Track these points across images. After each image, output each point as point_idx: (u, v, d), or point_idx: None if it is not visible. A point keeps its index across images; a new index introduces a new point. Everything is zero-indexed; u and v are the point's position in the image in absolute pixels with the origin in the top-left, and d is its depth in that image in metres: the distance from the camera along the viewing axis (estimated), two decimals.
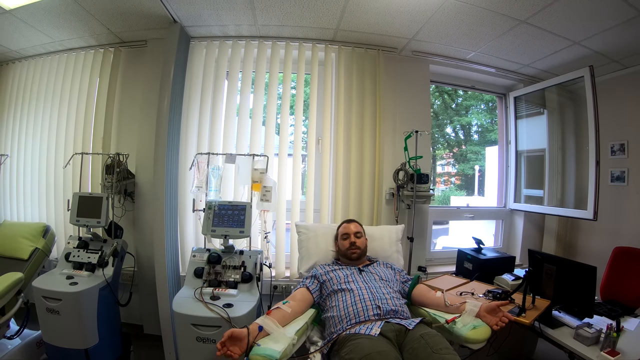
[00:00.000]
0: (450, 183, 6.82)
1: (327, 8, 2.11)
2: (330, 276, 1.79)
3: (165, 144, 2.24)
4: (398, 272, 1.93)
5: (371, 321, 1.50)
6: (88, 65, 2.65)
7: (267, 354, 1.23)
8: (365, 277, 1.78)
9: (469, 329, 1.46)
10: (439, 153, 6.79)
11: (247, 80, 2.59)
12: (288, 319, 1.51)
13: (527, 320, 1.60)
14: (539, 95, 2.97)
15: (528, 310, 1.68)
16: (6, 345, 1.94)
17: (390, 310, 1.56)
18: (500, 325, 1.44)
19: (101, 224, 2.15)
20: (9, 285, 1.76)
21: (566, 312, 1.80)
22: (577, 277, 1.73)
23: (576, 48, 2.42)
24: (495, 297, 1.83)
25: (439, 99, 6.41)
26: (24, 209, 2.81)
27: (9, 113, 2.92)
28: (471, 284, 2.15)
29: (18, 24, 2.31)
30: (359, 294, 1.63)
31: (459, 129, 6.41)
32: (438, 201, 6.40)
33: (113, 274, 2.05)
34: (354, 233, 1.98)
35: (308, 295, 1.72)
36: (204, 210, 2.07)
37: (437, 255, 3.05)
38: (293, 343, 1.37)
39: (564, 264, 1.82)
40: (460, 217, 3.13)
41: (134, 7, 2.11)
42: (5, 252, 2.16)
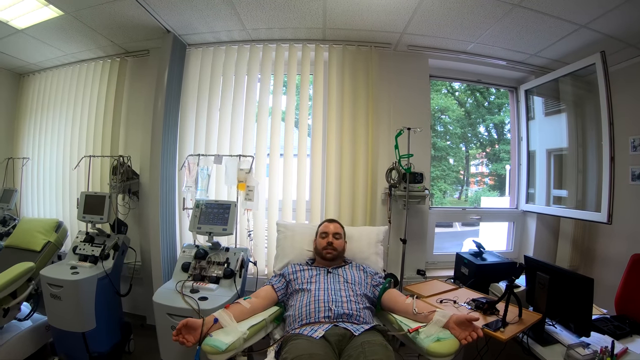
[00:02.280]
0: (484, 183, 6.65)
1: (307, 7, 2.22)
2: (297, 275, 1.88)
3: (160, 145, 2.51)
4: (370, 274, 1.94)
5: (320, 323, 1.55)
6: (97, 75, 3.02)
7: (215, 345, 1.36)
8: (329, 278, 1.84)
9: (431, 341, 1.42)
10: (472, 153, 6.66)
11: (241, 84, 2.78)
12: (246, 314, 1.61)
13: (505, 336, 1.51)
14: (553, 88, 2.85)
15: (513, 324, 1.59)
16: (18, 326, 2.28)
17: (343, 313, 1.60)
18: (468, 340, 1.37)
19: (104, 220, 2.46)
20: (19, 273, 2.09)
21: (564, 327, 1.72)
22: (572, 290, 1.62)
23: (584, 32, 2.31)
24: (478, 307, 1.77)
25: (470, 97, 6.28)
26: (43, 206, 3.28)
27: (30, 120, 3.42)
28: (458, 291, 2.11)
29: (31, 41, 2.71)
30: (315, 295, 1.70)
31: (492, 128, 6.25)
32: (470, 202, 6.26)
33: (113, 266, 2.33)
34: (332, 233, 2.04)
35: (272, 293, 1.81)
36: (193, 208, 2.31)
37: (440, 258, 3.03)
38: (244, 337, 1.46)
39: (558, 273, 1.72)
40: (466, 218, 3.10)
41: (130, 21, 2.39)
42: (22, 244, 2.55)
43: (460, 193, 6.53)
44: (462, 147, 6.45)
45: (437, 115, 6.12)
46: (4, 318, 2.10)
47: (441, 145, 6.06)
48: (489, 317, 1.69)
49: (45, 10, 2.29)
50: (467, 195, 6.43)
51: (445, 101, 6.07)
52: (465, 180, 6.59)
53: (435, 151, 5.98)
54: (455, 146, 6.32)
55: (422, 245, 2.83)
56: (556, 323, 1.75)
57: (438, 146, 6.01)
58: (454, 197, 6.44)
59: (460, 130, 6.33)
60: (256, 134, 2.76)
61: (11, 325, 2.27)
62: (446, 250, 3.11)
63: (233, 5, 2.20)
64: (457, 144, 6.37)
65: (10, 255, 2.49)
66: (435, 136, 5.93)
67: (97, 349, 2.18)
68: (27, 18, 2.39)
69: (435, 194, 6.07)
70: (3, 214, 3.19)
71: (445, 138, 6.19)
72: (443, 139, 6.13)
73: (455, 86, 6.04)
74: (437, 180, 6.02)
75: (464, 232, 5.40)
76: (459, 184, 6.51)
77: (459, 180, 6.48)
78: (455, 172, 6.37)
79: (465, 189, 6.61)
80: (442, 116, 6.22)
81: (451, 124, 6.27)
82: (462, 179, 6.53)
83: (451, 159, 6.38)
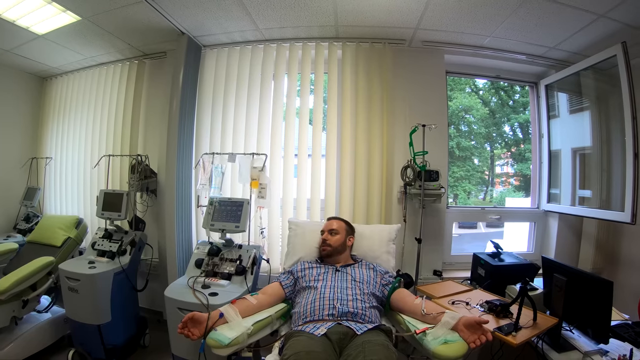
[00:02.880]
0: (509, 184, 6.52)
1: (317, 5, 2.25)
2: (305, 273, 1.89)
3: (176, 144, 2.59)
4: (380, 273, 1.93)
5: (323, 321, 1.56)
6: (117, 77, 3.16)
7: (218, 339, 1.38)
8: (337, 276, 1.84)
9: (438, 343, 1.37)
10: (497, 152, 6.56)
11: (255, 83, 2.84)
12: (252, 310, 1.63)
13: (516, 340, 1.45)
14: (574, 82, 2.77)
15: (526, 329, 1.53)
16: (37, 318, 2.41)
17: (347, 312, 1.60)
18: (477, 344, 1.33)
19: (122, 217, 2.56)
20: (39, 266, 2.22)
21: (582, 333, 1.65)
22: (591, 293, 1.56)
23: (604, 22, 2.23)
24: (491, 310, 1.72)
25: (495, 95, 6.20)
26: (65, 203, 3.45)
27: (53, 122, 3.62)
28: (472, 293, 2.06)
29: (52, 45, 2.87)
30: (321, 292, 1.71)
31: (517, 127, 6.15)
32: (495, 203, 6.16)
33: (130, 261, 2.41)
34: (328, 230, 2.06)
35: (279, 290, 1.83)
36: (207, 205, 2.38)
37: (458, 259, 2.98)
38: (248, 333, 1.47)
39: (576, 275, 1.65)
40: (485, 218, 3.04)
41: (145, 24, 2.49)
42: (43, 240, 2.67)
43: (485, 194, 6.44)
44: (487, 147, 6.36)
45: (461, 115, 6.07)
46: (23, 309, 2.24)
47: (465, 145, 6.01)
48: (501, 320, 1.64)
49: (63, 16, 2.42)
50: (492, 196, 6.33)
51: (469, 100, 6.02)
52: (490, 181, 6.49)
53: (459, 151, 5.93)
54: (480, 146, 6.25)
55: (438, 245, 2.80)
56: (574, 328, 1.68)
57: (462, 146, 5.96)
58: (478, 198, 6.36)
59: (484, 129, 6.26)
60: (270, 133, 2.80)
61: (31, 317, 2.41)
62: (468, 252, 3.04)
63: (244, 6, 2.26)
64: (481, 144, 6.30)
65: (32, 250, 2.61)
66: (459, 136, 5.88)
67: (112, 341, 2.26)
68: (46, 24, 2.53)
69: (459, 194, 6.01)
70: (27, 211, 3.37)
71: (469, 138, 6.13)
72: (467, 139, 6.07)
73: (479, 85, 5.99)
74: (461, 180, 5.95)
75: (488, 234, 5.31)
76: (483, 185, 6.42)
77: (484, 180, 6.40)
78: (480, 173, 6.29)
79: (490, 189, 6.51)
80: (466, 115, 6.16)
81: (475, 123, 6.20)
82: (487, 180, 6.44)
83: (476, 159, 6.30)
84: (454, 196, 5.92)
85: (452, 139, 5.73)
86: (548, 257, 1.92)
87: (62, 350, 2.42)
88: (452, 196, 5.99)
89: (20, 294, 2.21)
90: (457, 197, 5.98)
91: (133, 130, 3.08)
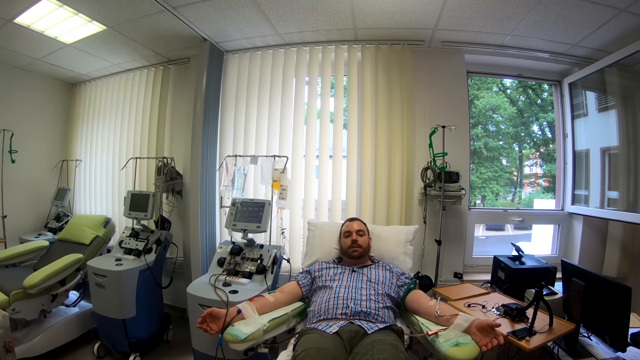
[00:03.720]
0: (538, 185, 6.43)
1: (335, 9, 2.32)
2: (322, 273, 1.96)
3: (200, 147, 2.73)
4: (396, 275, 1.97)
5: (337, 319, 1.62)
6: (143, 83, 3.34)
7: (235, 334, 1.45)
8: (353, 277, 1.90)
9: (449, 345, 1.39)
10: (525, 153, 6.47)
11: (276, 87, 2.94)
12: (269, 308, 1.70)
13: (529, 345, 1.46)
14: (599, 80, 2.73)
15: (542, 334, 1.54)
16: (65, 312, 2.58)
17: (360, 311, 1.65)
18: (489, 347, 1.33)
19: (148, 217, 2.71)
20: (68, 263, 2.38)
21: (600, 339, 1.64)
22: (608, 299, 1.54)
23: (625, 17, 2.20)
24: (507, 313, 1.74)
25: (523, 94, 6.13)
26: (94, 204, 3.68)
27: (82, 126, 3.86)
28: (490, 296, 2.08)
29: (80, 54, 3.08)
30: (336, 292, 1.77)
31: (545, 126, 6.07)
32: (523, 205, 6.08)
33: (155, 259, 2.54)
34: (356, 231, 2.10)
35: (297, 289, 1.91)
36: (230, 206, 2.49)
37: (480, 261, 2.98)
38: (263, 329, 1.54)
39: (594, 280, 1.64)
40: (507, 220, 3.04)
41: (168, 32, 2.64)
42: (73, 238, 2.85)
43: (513, 195, 6.36)
44: (515, 147, 6.29)
45: (489, 114, 6.03)
46: (52, 303, 2.40)
47: (493, 145, 5.96)
48: (517, 325, 1.65)
49: (89, 26, 2.59)
50: (520, 197, 6.25)
51: (496, 99, 5.98)
52: (518, 182, 6.41)
53: (487, 151, 5.89)
54: (508, 146, 6.18)
55: (459, 247, 2.82)
56: (592, 335, 1.67)
57: (490, 146, 5.91)
58: (507, 199, 6.29)
59: (512, 129, 6.19)
60: (292, 135, 2.89)
61: (59, 311, 2.58)
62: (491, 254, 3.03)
63: (263, 12, 2.36)
64: (509, 144, 6.24)
65: (61, 247, 2.79)
66: (486, 136, 5.85)
67: (136, 335, 2.39)
68: (74, 33, 2.71)
69: (487, 195, 5.96)
70: (57, 211, 3.60)
71: (497, 138, 6.08)
72: (495, 139, 6.02)
73: (507, 83, 5.93)
74: (489, 181, 5.91)
75: (515, 236, 5.25)
76: (512, 186, 6.34)
77: (512, 181, 6.32)
78: (508, 173, 6.23)
79: (519, 190, 6.43)
80: (494, 115, 6.12)
81: (503, 122, 6.15)
82: (515, 181, 6.36)
83: (504, 159, 6.24)
84: (482, 197, 5.89)
85: (479, 139, 5.71)
86: (567, 261, 1.91)
87: (89, 343, 2.57)
88: (479, 197, 5.96)
89: (50, 289, 2.37)
90: (484, 199, 5.95)
91: (159, 134, 3.25)
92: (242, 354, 1.72)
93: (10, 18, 2.45)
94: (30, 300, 2.27)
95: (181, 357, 2.57)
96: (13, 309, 2.17)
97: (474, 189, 6.01)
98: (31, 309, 2.30)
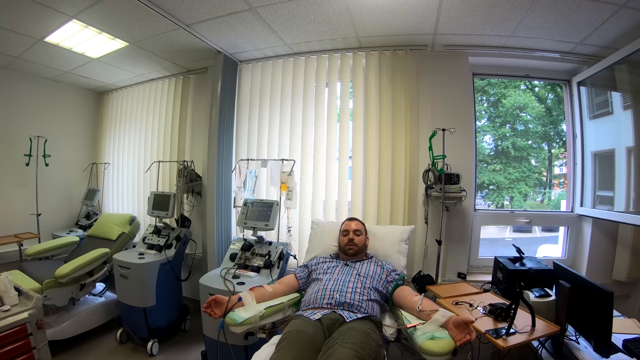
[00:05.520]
0: (567, 186, 6.35)
1: (335, 20, 2.54)
2: (318, 266, 2.20)
3: (215, 151, 3.07)
4: (387, 271, 2.15)
5: (322, 308, 1.82)
6: (165, 91, 3.76)
7: (233, 318, 1.70)
8: (345, 270, 2.11)
9: (425, 338, 1.53)
10: (555, 152, 6.42)
11: (287, 94, 3.23)
12: (267, 297, 1.94)
13: (505, 344, 1.54)
14: (608, 78, 2.76)
15: (522, 334, 1.62)
16: (93, 300, 3.00)
17: (344, 302, 1.84)
18: (464, 342, 1.46)
19: (169, 215, 3.08)
20: (96, 256, 2.78)
21: (588, 343, 1.67)
22: (592, 303, 1.59)
23: (627, 13, 2.24)
24: (492, 312, 1.83)
25: (551, 92, 6.11)
26: (121, 203, 4.16)
27: (110, 131, 4.37)
28: (481, 296, 2.17)
29: (106, 67, 3.54)
30: (325, 284, 1.98)
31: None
32: (552, 206, 6.06)
33: (175, 254, 2.90)
34: (353, 230, 2.31)
35: (294, 281, 2.15)
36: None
37: (485, 262, 3.09)
38: (259, 315, 1.77)
39: (578, 283, 1.70)
40: (514, 222, 3.17)
41: (185, 46, 3.00)
42: (101, 234, 3.29)
43: (542, 196, 6.33)
44: (544, 146, 6.26)
45: (516, 113, 6.07)
46: (81, 292, 2.80)
47: (521, 144, 5.98)
48: (501, 324, 1.73)
49: (113, 43, 3.00)
50: (549, 198, 6.22)
51: (524, 98, 5.99)
52: (547, 182, 6.36)
53: (515, 151, 5.93)
54: (537, 145, 6.18)
55: (463, 247, 2.95)
56: (580, 337, 1.73)
57: (518, 146, 5.95)
58: (536, 200, 6.27)
59: (541, 128, 6.18)
60: (301, 139, 3.16)
61: (87, 299, 3.01)
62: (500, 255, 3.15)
63: (269, 25, 2.63)
64: (538, 143, 6.23)
65: (90, 242, 3.23)
66: (514, 135, 5.90)
67: (155, 323, 2.74)
68: (100, 49, 3.14)
69: (515, 196, 5.99)
70: (87, 210, 4.10)
71: (525, 137, 6.10)
72: (524, 138, 6.04)
73: (535, 81, 5.93)
74: (517, 182, 5.95)
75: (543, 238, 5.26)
76: (541, 186, 6.32)
77: (541, 182, 6.30)
78: (537, 174, 6.22)
79: (548, 191, 6.39)
80: (522, 114, 6.14)
81: (532, 122, 6.15)
82: (544, 181, 6.33)
83: (532, 159, 6.23)
84: (510, 199, 5.93)
85: (507, 138, 5.78)
86: (559, 263, 2.00)
87: (113, 329, 2.96)
88: (508, 199, 6.02)
89: (79, 279, 2.76)
90: (512, 200, 5.97)
91: (180, 139, 3.65)
92: (243, 338, 2.02)
93: (41, 37, 2.88)
94: (61, 288, 2.65)
95: (196, 344, 2.90)
96: (45, 295, 2.53)
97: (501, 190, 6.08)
98: (61, 297, 2.68)
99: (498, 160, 5.93)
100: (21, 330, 1.93)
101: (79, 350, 2.73)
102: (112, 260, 2.82)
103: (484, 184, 5.64)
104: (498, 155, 5.88)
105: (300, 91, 3.21)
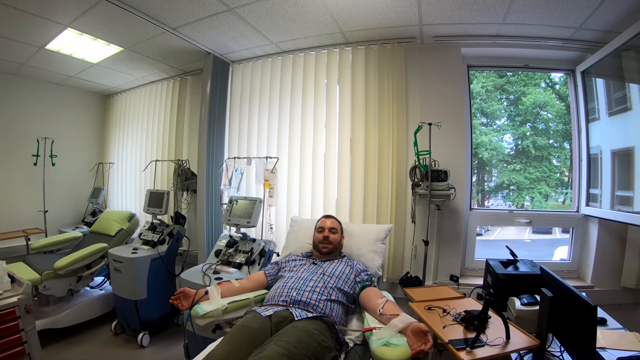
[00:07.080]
0: None
1: (315, 16, 2.61)
2: (287, 264, 2.24)
3: (205, 150, 3.26)
4: (356, 271, 2.14)
5: (277, 305, 1.84)
6: (164, 93, 4.01)
7: (197, 310, 1.78)
8: (310, 269, 2.12)
9: (379, 344, 1.50)
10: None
11: (275, 92, 3.36)
12: (233, 292, 2.01)
13: (468, 357, 1.42)
14: (615, 66, 2.59)
15: (492, 347, 1.50)
16: (91, 292, 3.25)
17: (300, 300, 1.84)
18: (420, 351, 1.40)
19: (162, 212, 3.29)
20: (93, 250, 3.01)
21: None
22: (575, 316, 1.49)
23: None
24: (464, 320, 1.73)
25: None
26: (125, 201, 4.47)
27: (115, 132, 4.70)
28: (461, 301, 2.09)
29: (107, 70, 3.82)
30: (286, 281, 2.00)
31: None
32: (567, 205, 5.81)
33: (167, 250, 3.08)
34: (328, 228, 2.33)
35: (262, 278, 2.22)
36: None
37: (482, 264, 3.05)
38: (222, 309, 1.84)
39: (561, 293, 1.59)
40: (513, 222, 3.09)
41: (176, 48, 3.21)
42: (101, 230, 3.55)
43: (564, 196, 6.09)
44: (565, 145, 6.03)
45: (536, 111, 5.90)
46: (78, 283, 3.01)
47: (542, 143, 5.80)
48: (471, 333, 1.61)
49: (109, 48, 3.26)
50: (572, 199, 5.97)
51: (544, 96, 5.83)
52: (569, 183, 6.10)
53: (535, 150, 5.75)
54: (558, 145, 5.96)
55: (456, 249, 2.90)
56: (564, 352, 1.61)
57: (538, 145, 5.77)
58: (557, 200, 6.05)
59: (562, 126, 5.96)
60: (288, 137, 3.27)
61: (86, 291, 3.24)
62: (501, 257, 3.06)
63: (251, 25, 2.76)
64: (560, 142, 6.00)
65: (92, 238, 3.49)
66: (534, 134, 5.73)
67: (146, 316, 2.92)
68: (97, 55, 3.41)
69: (535, 197, 5.80)
70: (93, 207, 4.43)
71: (546, 136, 5.91)
72: (544, 137, 5.86)
73: (555, 78, 5.73)
74: (537, 182, 5.78)
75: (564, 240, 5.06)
76: (563, 187, 6.08)
77: (563, 182, 6.06)
78: (558, 174, 5.99)
79: (570, 192, 6.13)
80: (542, 112, 5.97)
81: (552, 120, 5.96)
82: (566, 182, 6.08)
83: (554, 159, 6.02)
84: (531, 199, 5.74)
85: (527, 138, 5.63)
86: (545, 268, 1.90)
87: (109, 321, 3.16)
88: (528, 200, 5.83)
89: (77, 271, 2.98)
90: (533, 200, 5.79)
91: (177, 138, 3.88)
92: (211, 331, 2.07)
93: (42, 45, 3.18)
94: (59, 280, 2.88)
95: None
96: (44, 286, 2.78)
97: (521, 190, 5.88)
98: (60, 287, 2.91)
99: (518, 160, 5.79)
100: (10, 313, 2.14)
101: (75, 339, 2.97)
102: (109, 255, 3.05)
103: (503, 184, 5.52)
104: (518, 155, 5.74)
105: (288, 89, 3.32)
